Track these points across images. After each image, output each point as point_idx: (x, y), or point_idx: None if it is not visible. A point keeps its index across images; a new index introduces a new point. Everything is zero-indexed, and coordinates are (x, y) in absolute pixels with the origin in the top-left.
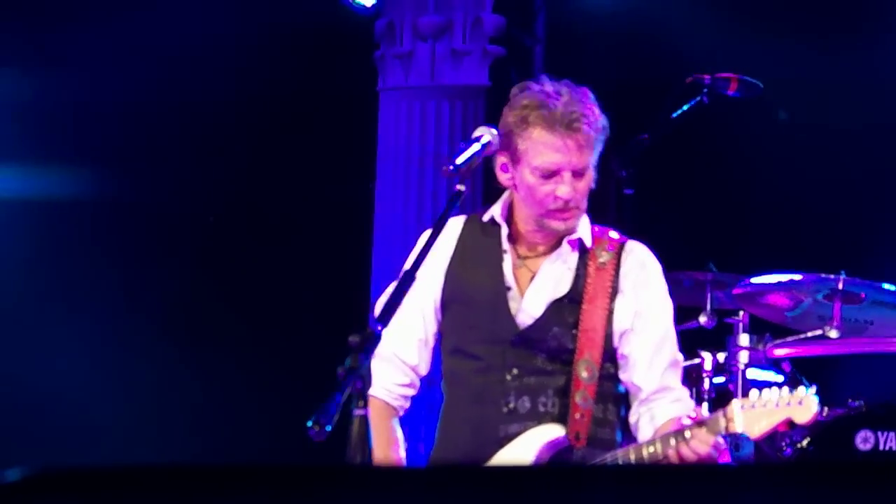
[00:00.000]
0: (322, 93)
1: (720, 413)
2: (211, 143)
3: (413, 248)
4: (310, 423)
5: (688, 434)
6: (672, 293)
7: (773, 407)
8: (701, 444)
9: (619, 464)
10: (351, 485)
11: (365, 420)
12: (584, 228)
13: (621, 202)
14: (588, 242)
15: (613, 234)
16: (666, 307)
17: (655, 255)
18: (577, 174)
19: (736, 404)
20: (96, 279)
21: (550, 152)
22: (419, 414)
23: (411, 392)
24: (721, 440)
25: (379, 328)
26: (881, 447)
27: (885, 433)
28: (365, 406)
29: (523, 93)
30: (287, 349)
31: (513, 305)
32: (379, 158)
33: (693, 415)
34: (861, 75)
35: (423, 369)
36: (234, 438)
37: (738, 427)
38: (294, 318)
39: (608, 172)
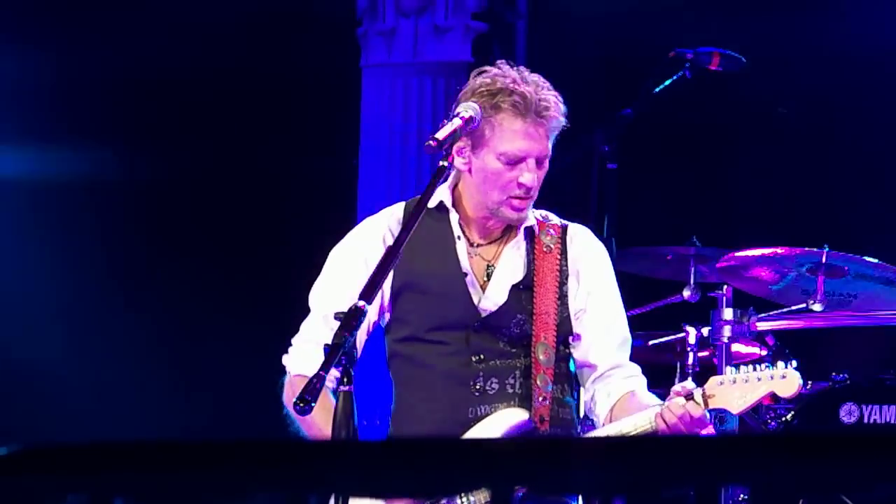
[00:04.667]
0: (306, 69)
1: (698, 390)
2: (195, 119)
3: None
4: (295, 400)
5: (680, 401)
6: (656, 267)
7: (754, 381)
8: (696, 408)
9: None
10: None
11: (349, 396)
12: (531, 215)
13: (604, 177)
14: (535, 228)
15: (554, 218)
16: (615, 287)
17: (598, 236)
18: (540, 162)
19: (714, 381)
20: (85, 255)
21: (519, 139)
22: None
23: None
24: (706, 413)
25: (363, 304)
26: (865, 420)
27: (870, 406)
28: (349, 383)
29: (487, 78)
30: (270, 326)
31: (472, 291)
32: (362, 135)
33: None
34: (843, 48)
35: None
36: (217, 414)
37: (717, 402)
38: (277, 295)
39: (591, 147)
